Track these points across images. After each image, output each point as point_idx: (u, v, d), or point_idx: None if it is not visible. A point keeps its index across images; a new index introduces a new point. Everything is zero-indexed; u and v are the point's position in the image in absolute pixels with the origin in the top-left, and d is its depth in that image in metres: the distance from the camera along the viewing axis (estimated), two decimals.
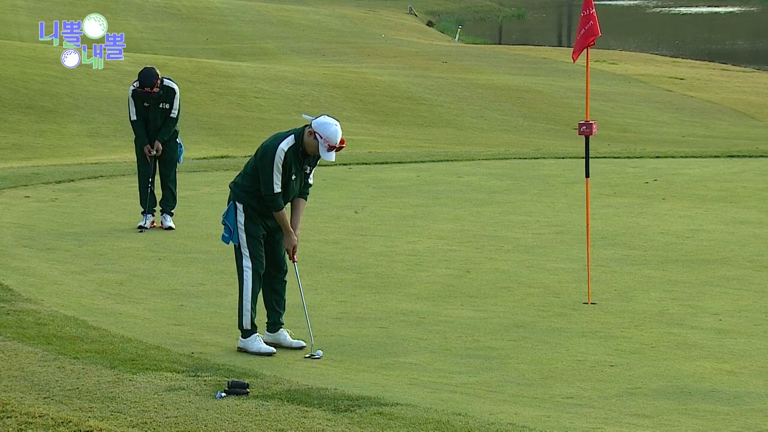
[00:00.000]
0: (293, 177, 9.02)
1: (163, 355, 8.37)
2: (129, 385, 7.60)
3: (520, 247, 13.29)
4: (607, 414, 7.63)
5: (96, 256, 12.31)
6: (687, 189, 17.45)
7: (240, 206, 9.01)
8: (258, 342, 8.95)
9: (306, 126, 8.97)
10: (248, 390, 7.48)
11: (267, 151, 8.91)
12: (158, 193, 14.40)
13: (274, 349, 8.95)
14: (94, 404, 7.25)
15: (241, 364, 8.33)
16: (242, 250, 8.99)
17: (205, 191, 16.94)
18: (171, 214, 14.24)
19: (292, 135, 8.98)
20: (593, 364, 8.86)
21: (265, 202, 8.97)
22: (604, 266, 12.19)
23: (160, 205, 14.30)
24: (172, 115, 14.20)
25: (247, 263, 8.98)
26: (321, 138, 8.85)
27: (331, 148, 8.89)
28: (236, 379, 7.63)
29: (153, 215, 14.24)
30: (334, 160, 8.98)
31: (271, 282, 9.15)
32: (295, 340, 9.15)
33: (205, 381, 7.71)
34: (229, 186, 9.20)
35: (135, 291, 10.87)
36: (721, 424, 7.52)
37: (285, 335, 9.16)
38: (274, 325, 9.18)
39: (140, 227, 14.00)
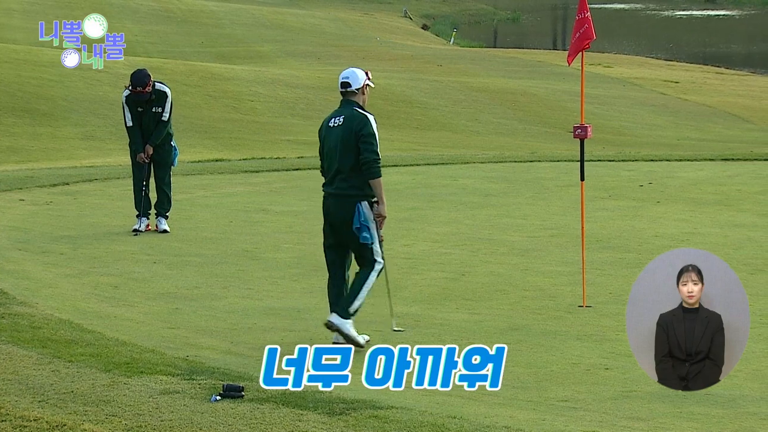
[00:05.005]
0: None
1: (157, 359, 8.36)
2: (124, 389, 7.59)
3: (515, 250, 13.29)
4: (602, 417, 7.63)
5: (91, 259, 12.30)
6: (682, 192, 17.46)
7: (365, 203, 9.29)
8: (353, 329, 9.19)
9: (349, 97, 9.32)
10: (243, 393, 7.47)
11: (365, 124, 9.23)
12: (153, 196, 14.40)
13: (367, 338, 9.20)
14: (89, 408, 7.24)
15: (235, 367, 8.32)
16: (374, 247, 9.31)
17: (199, 194, 16.94)
18: (166, 217, 14.24)
19: (356, 107, 9.33)
20: (588, 367, 8.87)
21: (372, 173, 9.21)
22: (599, 269, 12.20)
23: (155, 208, 14.30)
24: (163, 118, 14.20)
25: (379, 259, 9.33)
26: (367, 77, 9.38)
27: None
28: (231, 383, 7.62)
29: (148, 218, 14.24)
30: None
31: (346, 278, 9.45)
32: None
33: (199, 384, 7.70)
34: (335, 195, 9.32)
35: (130, 294, 10.86)
36: (715, 427, 7.53)
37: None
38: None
39: (135, 230, 14.00)
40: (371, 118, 9.32)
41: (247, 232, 14.12)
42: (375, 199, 9.34)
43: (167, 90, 14.25)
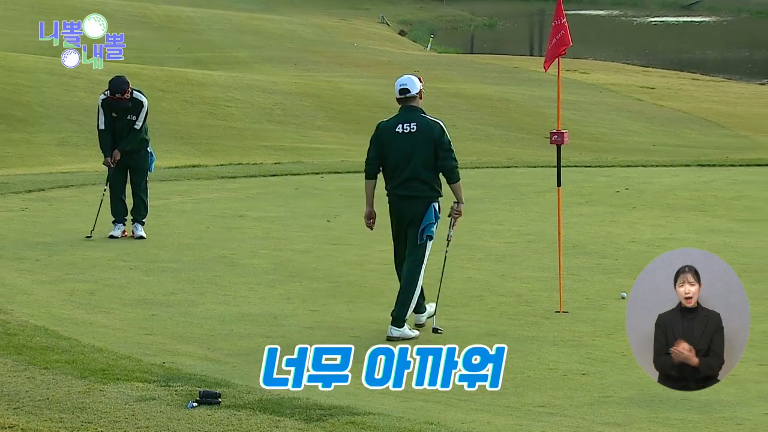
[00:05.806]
0: None
1: (134, 365, 8.34)
2: (100, 396, 7.56)
3: (492, 255, 13.31)
4: (579, 422, 7.64)
5: (66, 266, 12.25)
6: (657, 198, 17.52)
7: (437, 204, 9.77)
8: (409, 329, 9.78)
9: (410, 102, 9.65)
10: (220, 399, 7.46)
11: (443, 132, 9.64)
12: (129, 202, 14.36)
13: (417, 332, 9.82)
14: (65, 415, 7.21)
15: (212, 373, 8.30)
16: (427, 247, 9.75)
17: (176, 200, 16.89)
18: (142, 223, 14.20)
19: (422, 113, 9.70)
20: (565, 373, 8.88)
21: (453, 178, 9.65)
22: (576, 275, 12.23)
23: (131, 214, 14.26)
24: (135, 126, 14.16)
25: (426, 260, 9.78)
26: (419, 81, 9.70)
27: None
28: (208, 389, 7.60)
29: (124, 224, 14.19)
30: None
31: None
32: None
33: (176, 391, 7.68)
34: (410, 197, 9.67)
35: (106, 300, 10.82)
36: None
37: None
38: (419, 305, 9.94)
39: (111, 237, 13.95)
40: (443, 124, 9.76)
41: (224, 238, 14.09)
42: (455, 200, 9.84)
43: (144, 99, 14.24)
